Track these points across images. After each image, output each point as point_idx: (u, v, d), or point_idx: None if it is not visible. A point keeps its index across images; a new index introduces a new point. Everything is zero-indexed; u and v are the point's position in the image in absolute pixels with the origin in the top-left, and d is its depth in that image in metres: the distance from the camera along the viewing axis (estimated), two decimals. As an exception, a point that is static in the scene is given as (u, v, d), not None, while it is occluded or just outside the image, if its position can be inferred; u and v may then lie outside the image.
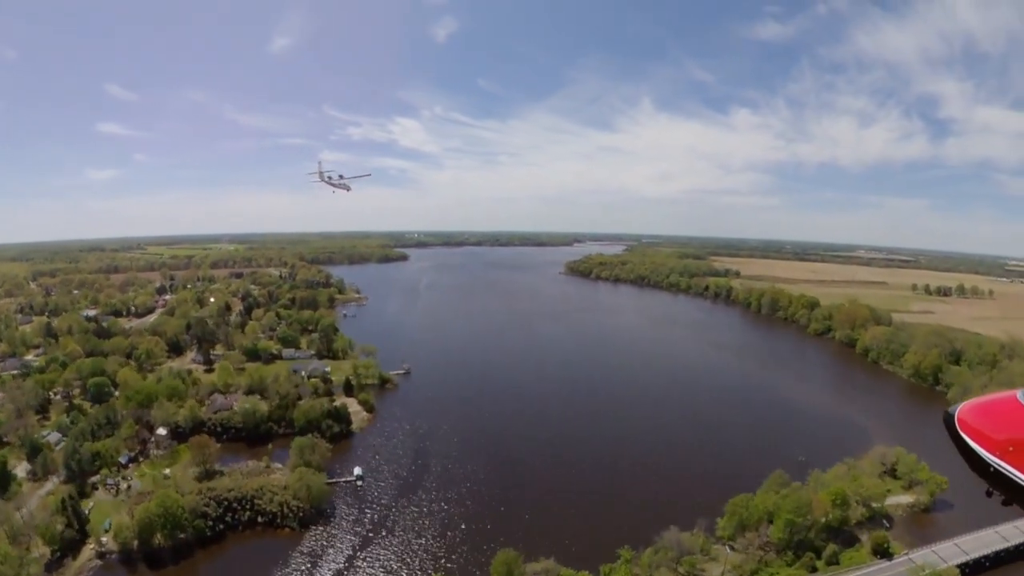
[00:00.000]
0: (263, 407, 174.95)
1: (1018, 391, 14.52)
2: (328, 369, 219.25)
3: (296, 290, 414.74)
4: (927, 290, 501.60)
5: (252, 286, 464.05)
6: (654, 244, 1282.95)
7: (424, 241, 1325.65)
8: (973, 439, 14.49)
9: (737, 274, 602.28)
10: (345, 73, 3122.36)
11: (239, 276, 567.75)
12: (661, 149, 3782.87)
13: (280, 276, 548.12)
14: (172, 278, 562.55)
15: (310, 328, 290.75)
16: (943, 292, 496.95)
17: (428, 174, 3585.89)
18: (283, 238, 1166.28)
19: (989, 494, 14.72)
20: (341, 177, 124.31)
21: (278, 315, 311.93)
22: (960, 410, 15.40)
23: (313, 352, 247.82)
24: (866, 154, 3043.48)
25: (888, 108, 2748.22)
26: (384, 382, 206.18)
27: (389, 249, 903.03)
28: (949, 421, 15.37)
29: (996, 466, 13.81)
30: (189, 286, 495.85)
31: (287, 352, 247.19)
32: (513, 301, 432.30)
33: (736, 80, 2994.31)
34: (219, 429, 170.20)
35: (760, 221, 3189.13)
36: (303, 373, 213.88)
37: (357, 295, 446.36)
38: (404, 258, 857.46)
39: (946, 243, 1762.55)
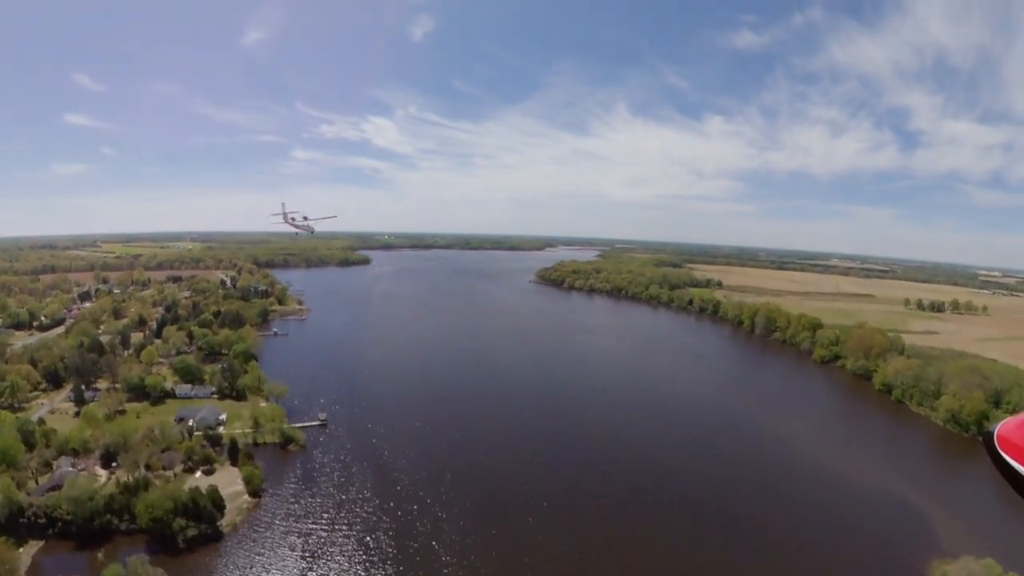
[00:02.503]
0: (109, 488, 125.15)
1: None
2: (224, 417, 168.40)
3: (229, 300, 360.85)
4: (920, 305, 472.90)
5: (184, 293, 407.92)
6: (627, 249, 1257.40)
7: (392, 243, 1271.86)
8: (1016, 459, 13.37)
9: (719, 284, 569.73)
10: (319, 69, 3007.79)
11: (176, 281, 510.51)
12: (636, 154, 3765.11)
13: (222, 281, 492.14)
14: (105, 280, 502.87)
15: (224, 352, 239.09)
16: (936, 308, 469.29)
17: (402, 175, 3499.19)
18: (246, 237, 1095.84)
19: None
20: (305, 219, 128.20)
21: (190, 335, 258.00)
22: (1000, 428, 14.44)
23: (215, 389, 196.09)
24: (836, 164, 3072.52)
25: (859, 119, 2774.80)
26: (288, 442, 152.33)
27: (350, 252, 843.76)
28: (989, 441, 14.48)
29: None
30: (118, 291, 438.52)
31: (182, 389, 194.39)
32: (476, 318, 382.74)
33: (710, 87, 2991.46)
34: (43, 520, 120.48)
35: (733, 227, 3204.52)
36: (191, 422, 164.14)
37: (299, 306, 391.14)
38: (366, 262, 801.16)
39: (914, 252, 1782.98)
